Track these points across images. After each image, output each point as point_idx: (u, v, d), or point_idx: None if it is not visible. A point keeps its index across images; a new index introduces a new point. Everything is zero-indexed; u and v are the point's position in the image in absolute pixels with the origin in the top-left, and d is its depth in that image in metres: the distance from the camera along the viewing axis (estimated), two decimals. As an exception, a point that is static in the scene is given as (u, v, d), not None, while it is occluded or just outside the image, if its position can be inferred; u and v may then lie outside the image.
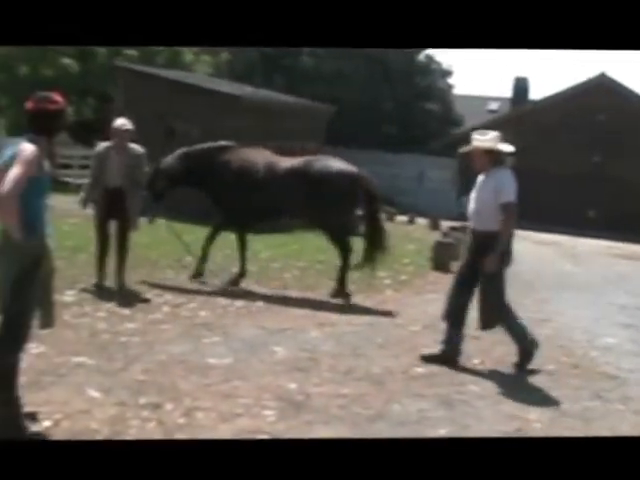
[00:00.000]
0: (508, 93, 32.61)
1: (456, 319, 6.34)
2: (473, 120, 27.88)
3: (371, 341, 6.94)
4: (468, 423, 5.02)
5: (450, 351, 6.33)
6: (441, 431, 4.82)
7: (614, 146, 25.74)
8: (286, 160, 9.07)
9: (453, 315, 6.34)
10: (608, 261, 16.16)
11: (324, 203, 8.67)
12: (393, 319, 7.97)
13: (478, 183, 6.36)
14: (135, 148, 8.10)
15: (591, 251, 17.97)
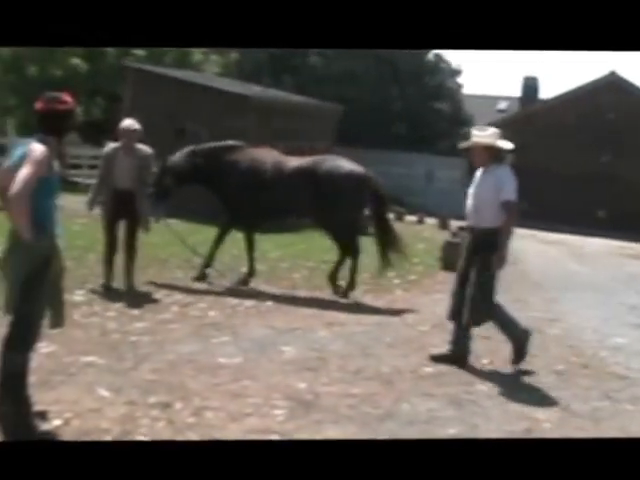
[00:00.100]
0: (517, 92, 32.64)
1: (461, 318, 6.32)
2: (482, 120, 27.73)
3: (380, 341, 6.94)
4: (477, 423, 5.01)
5: (459, 351, 6.31)
6: (450, 430, 4.81)
7: (624, 145, 25.64)
8: (294, 160, 9.07)
9: (458, 315, 6.31)
10: (619, 261, 16.08)
11: (331, 203, 8.67)
12: (402, 319, 7.97)
13: (476, 179, 6.29)
14: (143, 149, 8.07)
15: (601, 251, 17.90)
